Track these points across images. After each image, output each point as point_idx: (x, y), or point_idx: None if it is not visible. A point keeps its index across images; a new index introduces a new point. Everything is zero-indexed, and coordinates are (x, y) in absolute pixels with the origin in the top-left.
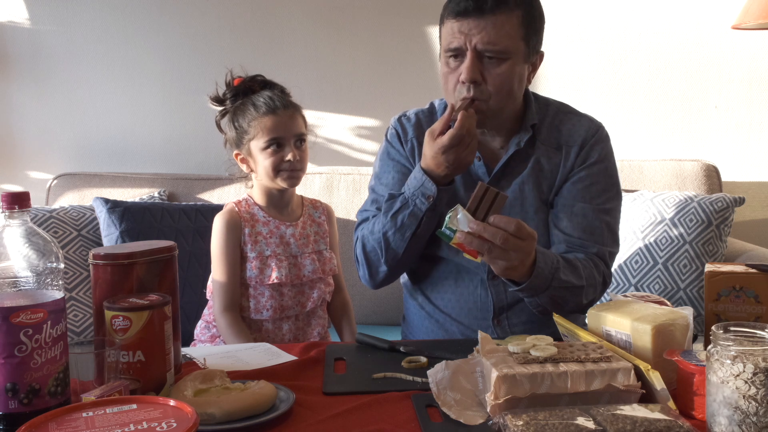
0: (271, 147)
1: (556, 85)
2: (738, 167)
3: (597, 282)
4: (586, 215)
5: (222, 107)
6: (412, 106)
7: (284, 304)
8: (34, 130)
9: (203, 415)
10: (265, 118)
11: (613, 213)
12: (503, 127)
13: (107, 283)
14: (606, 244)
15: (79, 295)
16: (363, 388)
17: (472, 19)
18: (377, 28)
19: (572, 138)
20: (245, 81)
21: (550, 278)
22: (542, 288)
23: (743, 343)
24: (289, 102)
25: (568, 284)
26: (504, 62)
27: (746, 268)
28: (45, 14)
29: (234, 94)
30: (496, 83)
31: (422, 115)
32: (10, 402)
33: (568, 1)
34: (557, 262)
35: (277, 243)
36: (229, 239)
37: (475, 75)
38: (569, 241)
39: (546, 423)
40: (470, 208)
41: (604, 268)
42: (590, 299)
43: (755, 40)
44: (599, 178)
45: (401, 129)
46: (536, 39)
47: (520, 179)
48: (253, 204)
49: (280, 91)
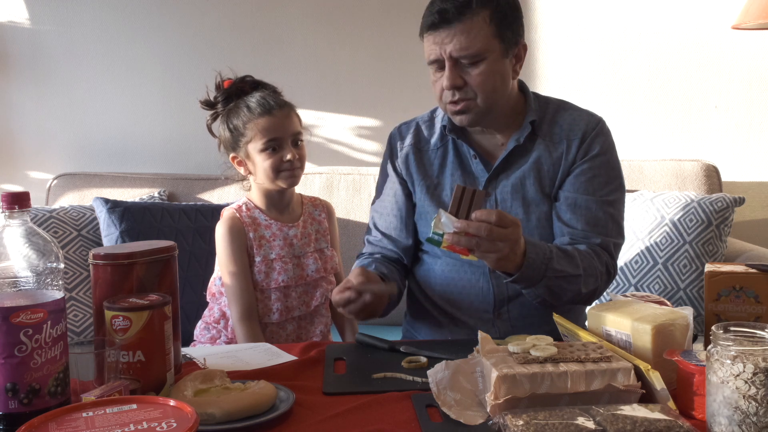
0: (269, 148)
1: (557, 85)
2: (738, 167)
3: (599, 272)
4: (589, 207)
5: (213, 111)
6: (412, 105)
7: (290, 305)
8: (34, 130)
9: (203, 415)
10: (261, 120)
11: (617, 205)
12: (502, 124)
13: (107, 283)
14: (610, 235)
15: (79, 295)
16: (363, 388)
17: (442, 30)
18: (377, 28)
19: (573, 132)
20: (235, 82)
21: (544, 268)
22: (537, 278)
23: (743, 343)
24: (283, 101)
25: (563, 273)
26: (481, 63)
27: (746, 268)
28: (45, 14)
29: (226, 97)
30: (477, 83)
31: (421, 121)
32: (10, 402)
33: (568, 2)
34: (550, 252)
35: (281, 245)
36: (236, 246)
37: (455, 81)
38: (573, 233)
39: (546, 423)
40: (452, 210)
41: (608, 258)
42: (591, 289)
43: (755, 40)
44: (601, 170)
45: (398, 137)
46: (511, 32)
47: (520, 173)
48: (253, 208)
49: (272, 91)
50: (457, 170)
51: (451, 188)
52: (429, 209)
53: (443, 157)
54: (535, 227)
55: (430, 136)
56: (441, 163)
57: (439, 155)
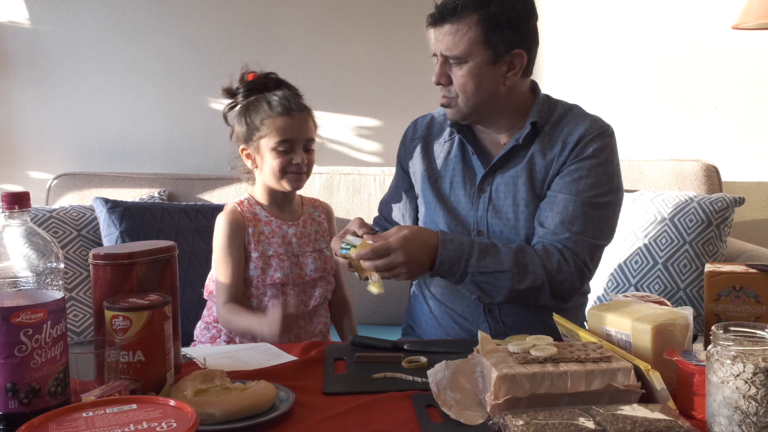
0: (281, 148)
1: (557, 85)
2: (738, 167)
3: (542, 269)
4: (566, 205)
5: (232, 100)
6: (412, 106)
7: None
8: (34, 130)
9: (203, 415)
10: (279, 119)
11: (603, 209)
12: (505, 125)
13: (107, 283)
14: (586, 234)
15: (79, 295)
16: (363, 388)
17: (436, 28)
18: (377, 28)
19: (571, 135)
20: (260, 77)
21: (464, 265)
22: (456, 274)
23: (743, 343)
24: (303, 105)
25: (485, 269)
26: (463, 65)
27: (746, 268)
28: (45, 14)
29: (248, 89)
30: (457, 84)
31: (437, 115)
32: (10, 402)
33: (568, 2)
34: (470, 249)
35: (279, 243)
36: (234, 239)
37: (439, 78)
38: (542, 231)
39: (546, 423)
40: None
41: (573, 257)
42: (530, 285)
43: (755, 40)
44: (591, 172)
45: (412, 129)
46: (502, 40)
47: (513, 173)
48: (255, 203)
49: (294, 93)
50: (458, 164)
51: (450, 182)
52: (430, 199)
53: (448, 151)
54: (522, 227)
55: (442, 130)
56: (446, 157)
57: (445, 149)
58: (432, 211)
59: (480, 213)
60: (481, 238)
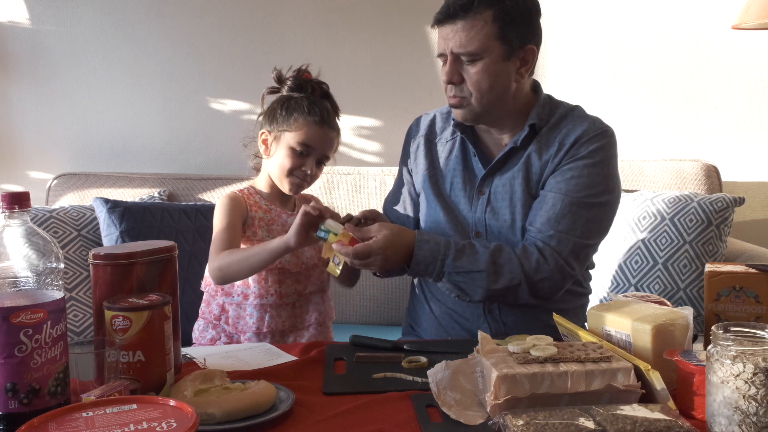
0: (299, 149)
1: (557, 85)
2: (738, 167)
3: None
4: (555, 204)
5: (277, 86)
6: (412, 106)
7: (284, 291)
8: (34, 130)
9: (203, 415)
10: (312, 125)
11: (594, 209)
12: (507, 125)
13: (107, 283)
14: (572, 233)
15: (79, 295)
16: (363, 388)
17: (447, 26)
18: (377, 28)
19: (569, 136)
20: (313, 80)
21: (440, 265)
22: (432, 274)
23: (743, 343)
24: (336, 125)
25: (461, 269)
26: (478, 62)
27: (746, 268)
28: (45, 14)
29: (297, 84)
30: (472, 82)
31: (440, 114)
32: (10, 402)
33: (568, 2)
34: (446, 249)
35: (278, 230)
36: (235, 213)
37: (451, 76)
38: (530, 229)
39: (546, 423)
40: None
41: (554, 255)
42: (507, 285)
43: (755, 40)
44: (584, 172)
45: (415, 126)
46: (516, 35)
47: (510, 174)
48: (254, 193)
49: (335, 109)
50: (459, 165)
51: (450, 182)
52: (431, 198)
53: (450, 150)
54: (520, 228)
55: (444, 128)
56: (447, 156)
57: (447, 148)
58: (433, 211)
59: (478, 215)
60: (479, 239)
